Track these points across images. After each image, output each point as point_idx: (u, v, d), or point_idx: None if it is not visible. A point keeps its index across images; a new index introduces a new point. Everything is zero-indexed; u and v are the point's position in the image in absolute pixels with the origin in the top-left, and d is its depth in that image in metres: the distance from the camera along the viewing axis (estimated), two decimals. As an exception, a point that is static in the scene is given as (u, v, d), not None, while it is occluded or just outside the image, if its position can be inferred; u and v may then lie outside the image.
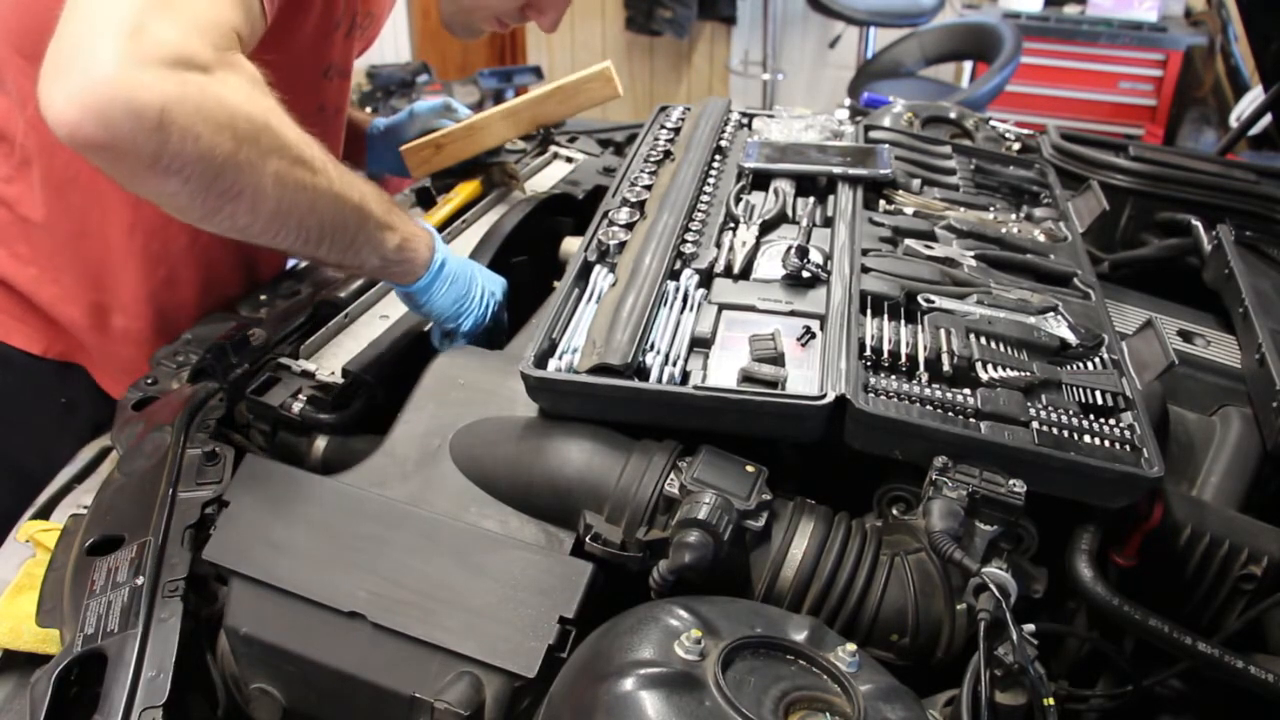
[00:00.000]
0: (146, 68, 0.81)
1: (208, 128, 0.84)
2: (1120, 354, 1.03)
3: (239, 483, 0.96)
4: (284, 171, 0.92)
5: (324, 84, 1.30)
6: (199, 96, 0.83)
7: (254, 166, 0.90)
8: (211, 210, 0.91)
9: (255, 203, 0.92)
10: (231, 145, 0.86)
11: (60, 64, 0.82)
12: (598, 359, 0.95)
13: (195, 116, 0.83)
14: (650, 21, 5.40)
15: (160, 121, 0.81)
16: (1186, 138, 4.23)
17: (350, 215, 1.02)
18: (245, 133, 0.87)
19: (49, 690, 0.79)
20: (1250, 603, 0.95)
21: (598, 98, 1.58)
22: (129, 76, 0.80)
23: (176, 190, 0.88)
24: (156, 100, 0.81)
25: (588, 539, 0.89)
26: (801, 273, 1.09)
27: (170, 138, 0.82)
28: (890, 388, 0.92)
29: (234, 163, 0.88)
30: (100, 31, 0.81)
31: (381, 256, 1.08)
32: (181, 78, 0.82)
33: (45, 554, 0.96)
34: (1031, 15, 4.49)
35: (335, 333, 1.21)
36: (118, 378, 1.34)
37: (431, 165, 1.60)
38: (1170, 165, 1.56)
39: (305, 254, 1.11)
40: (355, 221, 1.03)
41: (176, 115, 0.82)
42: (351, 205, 1.02)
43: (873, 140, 1.47)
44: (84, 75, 0.80)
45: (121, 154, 0.83)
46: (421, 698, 0.82)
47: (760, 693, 0.70)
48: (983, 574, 0.79)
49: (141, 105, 0.80)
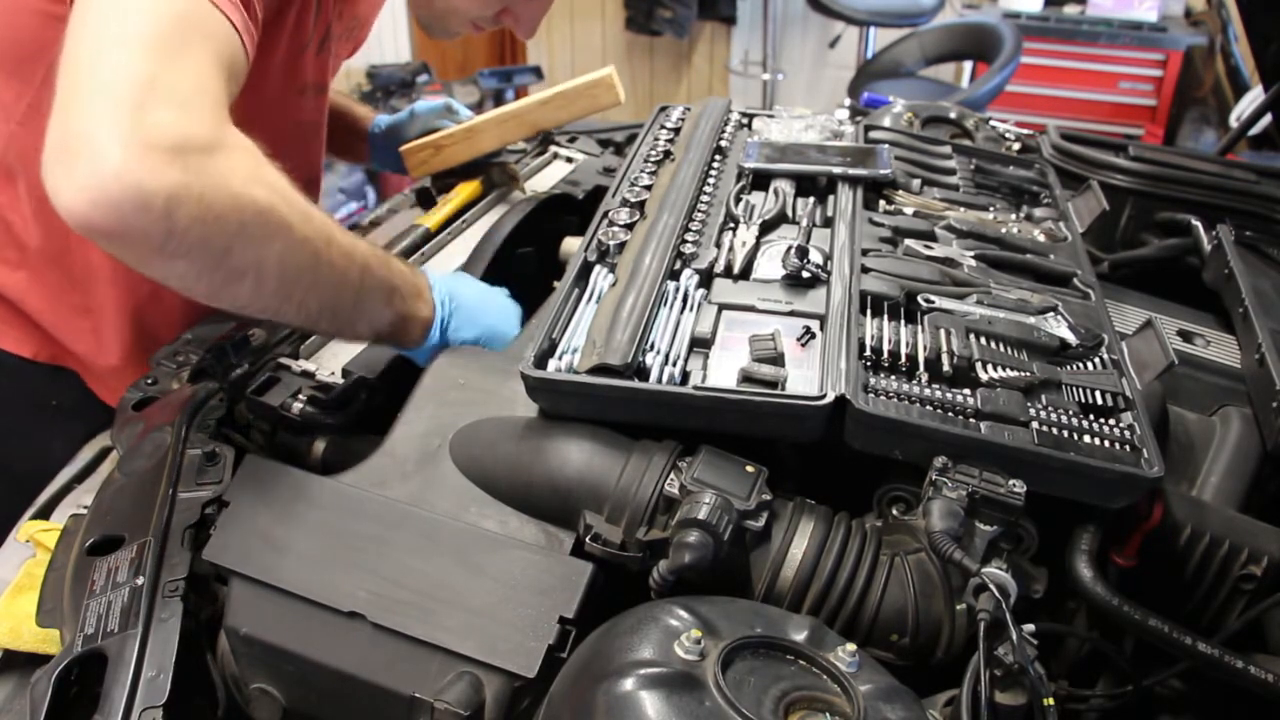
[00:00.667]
0: (149, 156, 0.81)
1: (213, 213, 0.85)
2: (1120, 354, 1.03)
3: (239, 483, 0.96)
4: (287, 252, 0.93)
5: (299, 101, 1.30)
6: (203, 182, 0.84)
7: (258, 248, 0.91)
8: (217, 289, 0.93)
9: (259, 282, 0.93)
10: (236, 228, 0.87)
11: (65, 153, 0.83)
12: (598, 359, 0.95)
13: (200, 203, 0.84)
14: (650, 21, 5.40)
15: (167, 210, 0.82)
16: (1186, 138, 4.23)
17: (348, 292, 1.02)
18: (250, 215, 0.88)
19: (49, 690, 0.79)
20: (1250, 603, 0.94)
21: (600, 104, 1.58)
22: (134, 167, 0.81)
23: (183, 272, 0.89)
24: (163, 189, 0.81)
25: (588, 539, 0.89)
26: (801, 273, 1.09)
27: (177, 225, 0.83)
28: (890, 388, 0.92)
29: (239, 245, 0.89)
30: (101, 119, 0.82)
31: (374, 332, 1.09)
32: (184, 164, 0.83)
33: (45, 554, 0.96)
34: (1031, 15, 4.49)
35: (335, 333, 1.21)
36: (107, 382, 1.34)
37: (430, 166, 1.60)
38: (1170, 165, 1.56)
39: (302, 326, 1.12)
40: (352, 300, 1.03)
41: (182, 202, 0.83)
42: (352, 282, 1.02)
43: (873, 140, 1.47)
44: (89, 167, 0.81)
45: (130, 242, 0.85)
46: (421, 698, 0.82)
47: (760, 693, 0.70)
48: (982, 574, 0.79)
49: (148, 195, 0.81)
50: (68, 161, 0.83)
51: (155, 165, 0.81)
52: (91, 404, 1.34)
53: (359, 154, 1.76)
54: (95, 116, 0.82)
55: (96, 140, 0.81)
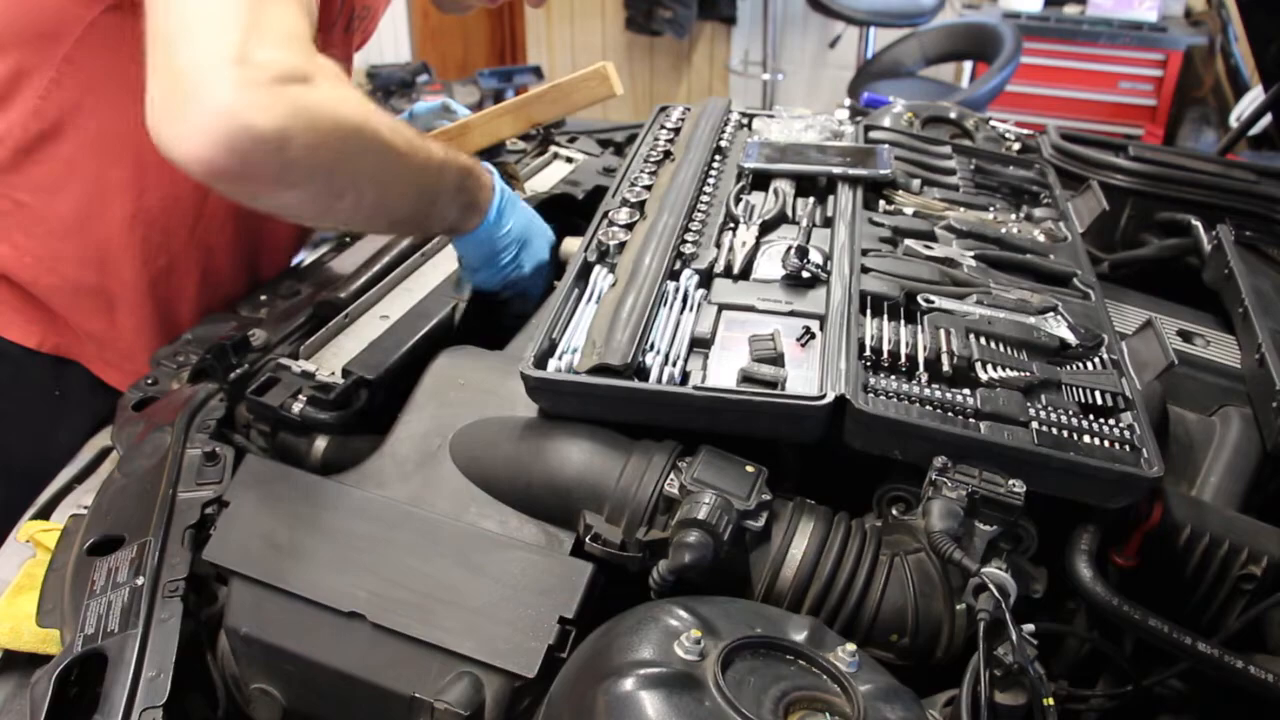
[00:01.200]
0: (260, 93, 0.86)
1: (319, 139, 0.90)
2: (1120, 354, 1.03)
3: (239, 483, 0.96)
4: (381, 164, 1.00)
5: None
6: (309, 111, 0.89)
7: (357, 166, 0.97)
8: (322, 210, 0.99)
9: (359, 196, 0.99)
10: (339, 151, 0.93)
11: (176, 101, 0.86)
12: (597, 359, 0.95)
13: (309, 132, 0.89)
14: (650, 21, 5.40)
15: (280, 143, 0.87)
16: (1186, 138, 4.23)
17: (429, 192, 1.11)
18: (348, 135, 0.94)
19: (49, 690, 0.79)
20: (1250, 603, 0.94)
21: (595, 97, 1.57)
22: (248, 104, 0.85)
23: (293, 201, 0.95)
24: (277, 122, 0.86)
25: (588, 539, 0.89)
26: (801, 273, 1.09)
27: (290, 155, 0.88)
28: (890, 388, 0.92)
29: (343, 164, 0.95)
30: (209, 64, 0.85)
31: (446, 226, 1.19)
32: (291, 95, 0.87)
33: (45, 554, 0.96)
34: (1031, 15, 4.48)
35: (335, 333, 1.21)
36: (117, 364, 1.35)
37: None
38: (1170, 165, 1.56)
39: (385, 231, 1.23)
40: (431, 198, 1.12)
41: (294, 133, 0.87)
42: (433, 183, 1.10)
43: (873, 140, 1.47)
44: (204, 110, 0.85)
45: (250, 178, 0.89)
46: (421, 698, 0.83)
47: (760, 693, 0.70)
48: (982, 574, 0.79)
49: (264, 130, 0.85)
50: (180, 108, 0.86)
51: (266, 102, 0.85)
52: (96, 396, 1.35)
53: None
54: (201, 61, 0.85)
55: (207, 84, 0.85)
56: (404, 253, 1.38)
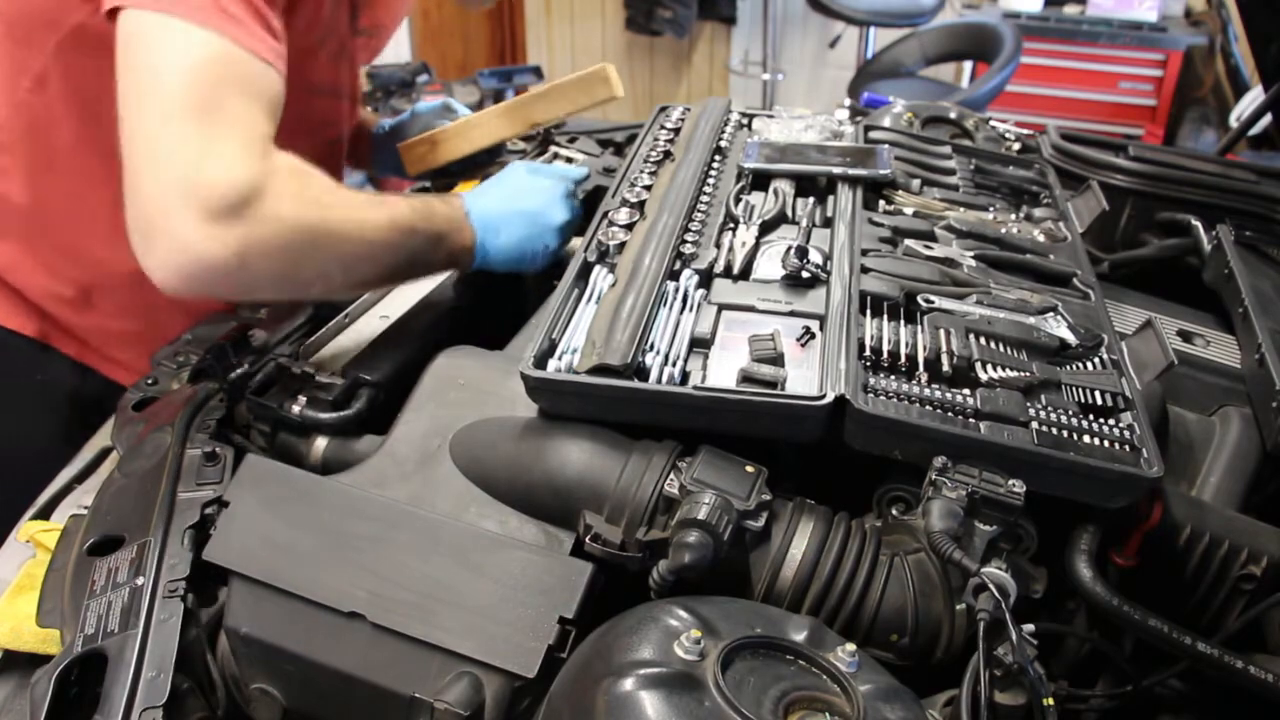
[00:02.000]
0: (213, 225, 0.93)
1: (275, 252, 0.98)
2: (1120, 354, 1.03)
3: (239, 483, 0.96)
4: (345, 251, 1.06)
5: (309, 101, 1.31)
6: (264, 228, 0.96)
7: (318, 262, 1.03)
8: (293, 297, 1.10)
9: (327, 281, 1.07)
10: (300, 253, 1.00)
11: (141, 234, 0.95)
12: (597, 359, 0.95)
13: (267, 247, 0.97)
14: (650, 21, 5.40)
15: (241, 264, 0.95)
16: (1186, 138, 4.23)
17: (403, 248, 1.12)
18: (307, 238, 1.00)
19: (49, 690, 0.79)
20: (1250, 603, 0.94)
21: (596, 98, 1.58)
22: (202, 238, 0.93)
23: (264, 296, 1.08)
24: (234, 249, 0.94)
25: (587, 539, 0.89)
26: (801, 273, 1.09)
27: (250, 272, 0.97)
28: (890, 388, 0.92)
29: (305, 262, 1.02)
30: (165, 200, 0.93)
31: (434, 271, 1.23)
32: (245, 218, 0.94)
33: (45, 554, 0.96)
34: (1031, 15, 4.48)
35: (335, 333, 1.21)
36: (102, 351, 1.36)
37: (427, 162, 1.60)
38: (1170, 165, 1.56)
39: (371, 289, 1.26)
40: (408, 251, 1.13)
41: (252, 254, 0.95)
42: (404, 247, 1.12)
43: (872, 140, 1.47)
44: (170, 248, 0.94)
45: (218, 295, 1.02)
46: (421, 698, 0.83)
47: (760, 693, 0.70)
48: (982, 574, 0.79)
49: (219, 262, 0.94)
50: (145, 242, 0.95)
51: (219, 233, 0.93)
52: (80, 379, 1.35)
53: (363, 159, 1.76)
54: (158, 196, 0.93)
55: (163, 221, 0.93)
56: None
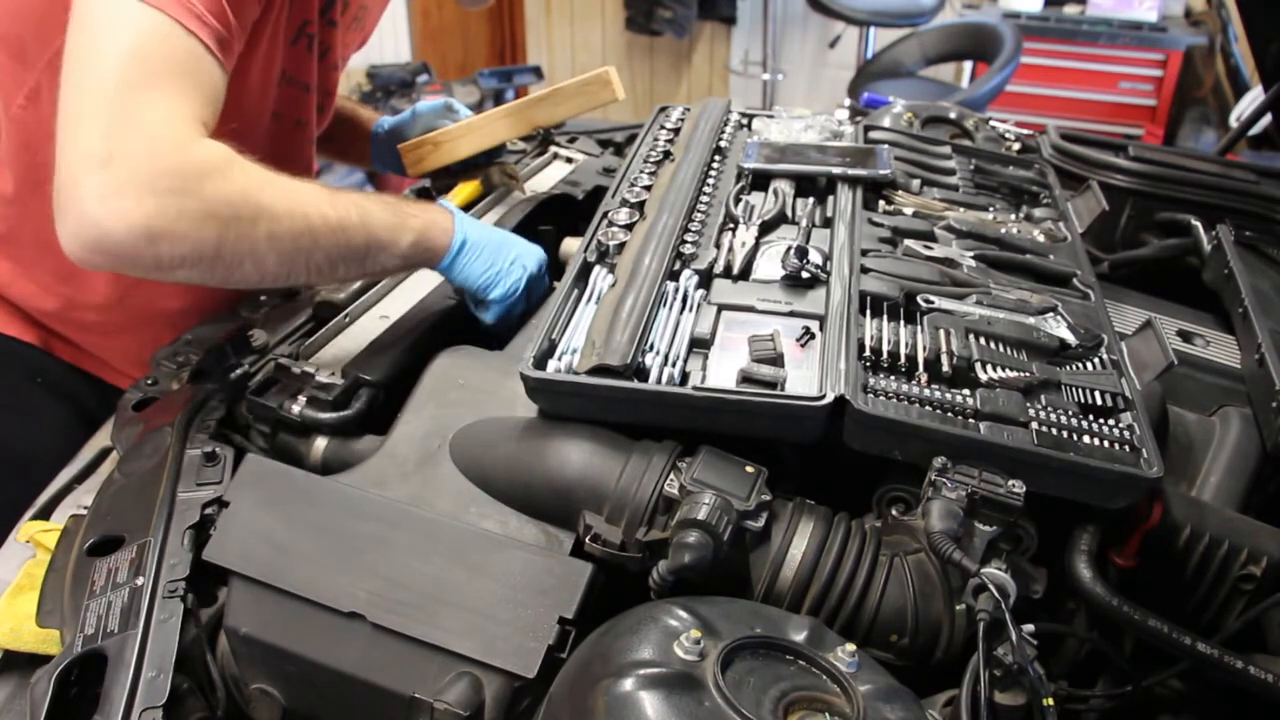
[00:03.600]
0: (124, 197, 0.91)
1: (191, 226, 0.94)
2: (1120, 354, 1.03)
3: (239, 483, 0.96)
4: (276, 231, 1.00)
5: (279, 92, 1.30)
6: (176, 204, 0.93)
7: (245, 240, 0.98)
8: (223, 280, 1.02)
9: (259, 266, 1.01)
10: (218, 232, 0.96)
11: (59, 205, 0.94)
12: (597, 360, 0.95)
13: (178, 222, 0.93)
14: (650, 21, 5.40)
15: (149, 238, 0.92)
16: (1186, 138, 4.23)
17: (355, 237, 1.08)
18: (228, 215, 0.97)
19: (49, 690, 0.79)
20: (1250, 603, 0.94)
21: (597, 101, 1.58)
22: (110, 211, 0.91)
23: (186, 277, 0.99)
24: (139, 223, 0.91)
25: (587, 539, 0.89)
26: (801, 273, 1.09)
27: (161, 247, 0.93)
28: (889, 388, 0.92)
29: (226, 242, 0.97)
30: (78, 171, 0.92)
31: (400, 257, 1.14)
32: (156, 192, 0.92)
33: (45, 554, 0.96)
34: (1031, 15, 4.48)
35: (335, 333, 1.21)
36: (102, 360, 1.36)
37: (427, 163, 1.60)
38: (1170, 165, 1.56)
39: (325, 282, 1.20)
40: (362, 241, 1.09)
41: (159, 228, 0.92)
42: (354, 228, 1.08)
43: (872, 140, 1.47)
44: (75, 218, 0.92)
45: (129, 269, 0.96)
46: (421, 698, 0.83)
47: (759, 693, 0.70)
48: (982, 574, 0.79)
49: (126, 233, 0.91)
50: (60, 215, 0.93)
51: (129, 204, 0.91)
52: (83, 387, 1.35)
53: (363, 156, 1.76)
54: (73, 172, 0.92)
55: (75, 196, 0.91)
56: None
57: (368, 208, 1.10)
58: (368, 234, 1.09)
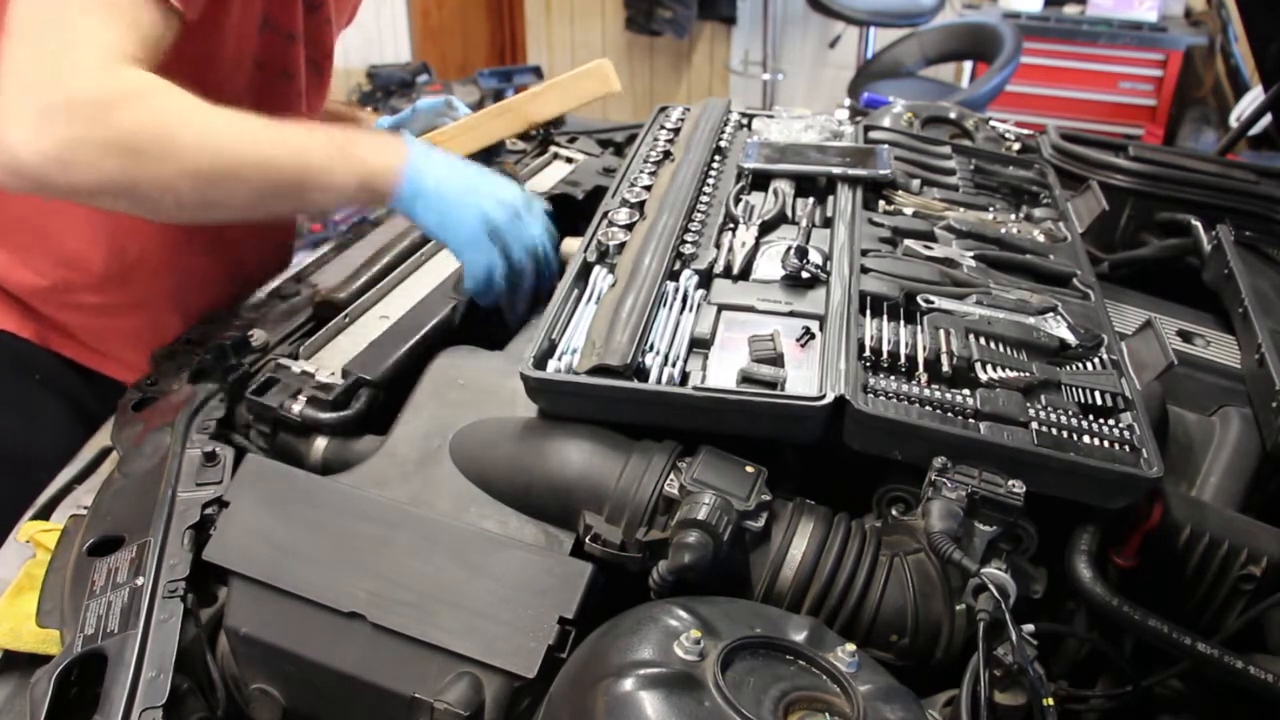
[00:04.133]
0: (31, 123, 0.94)
1: (94, 156, 0.96)
2: (1120, 354, 1.03)
3: (239, 483, 0.96)
4: (190, 168, 1.01)
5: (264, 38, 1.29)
6: (80, 132, 0.95)
7: (157, 175, 0.99)
8: (147, 211, 1.05)
9: (178, 200, 1.02)
10: (128, 161, 0.97)
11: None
12: (597, 360, 0.95)
13: (79, 150, 0.95)
14: (650, 21, 5.40)
15: (62, 164, 0.95)
16: (1186, 138, 4.23)
17: (288, 172, 1.07)
18: (139, 145, 0.98)
19: (49, 690, 0.79)
20: (1250, 603, 0.94)
21: (593, 94, 1.58)
22: (22, 137, 0.94)
23: (109, 205, 1.02)
24: (48, 150, 0.94)
25: (587, 539, 0.89)
26: (801, 273, 1.09)
27: (74, 174, 0.96)
28: (889, 388, 0.92)
29: (140, 172, 0.98)
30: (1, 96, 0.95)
31: (346, 199, 1.15)
32: (61, 120, 0.94)
33: (45, 554, 0.96)
34: (1031, 15, 4.49)
35: (335, 333, 1.21)
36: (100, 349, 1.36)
37: None
38: (1170, 165, 1.56)
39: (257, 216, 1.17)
40: (293, 180, 1.08)
41: (69, 155, 0.95)
42: (285, 162, 1.07)
43: (872, 140, 1.47)
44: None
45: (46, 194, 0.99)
46: (421, 698, 0.83)
47: (759, 693, 0.70)
48: (982, 574, 0.79)
49: (34, 158, 0.94)
50: None
51: (34, 135, 0.93)
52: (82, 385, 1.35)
53: None
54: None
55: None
56: (404, 253, 1.38)
57: (307, 147, 1.08)
58: (301, 173, 1.07)
